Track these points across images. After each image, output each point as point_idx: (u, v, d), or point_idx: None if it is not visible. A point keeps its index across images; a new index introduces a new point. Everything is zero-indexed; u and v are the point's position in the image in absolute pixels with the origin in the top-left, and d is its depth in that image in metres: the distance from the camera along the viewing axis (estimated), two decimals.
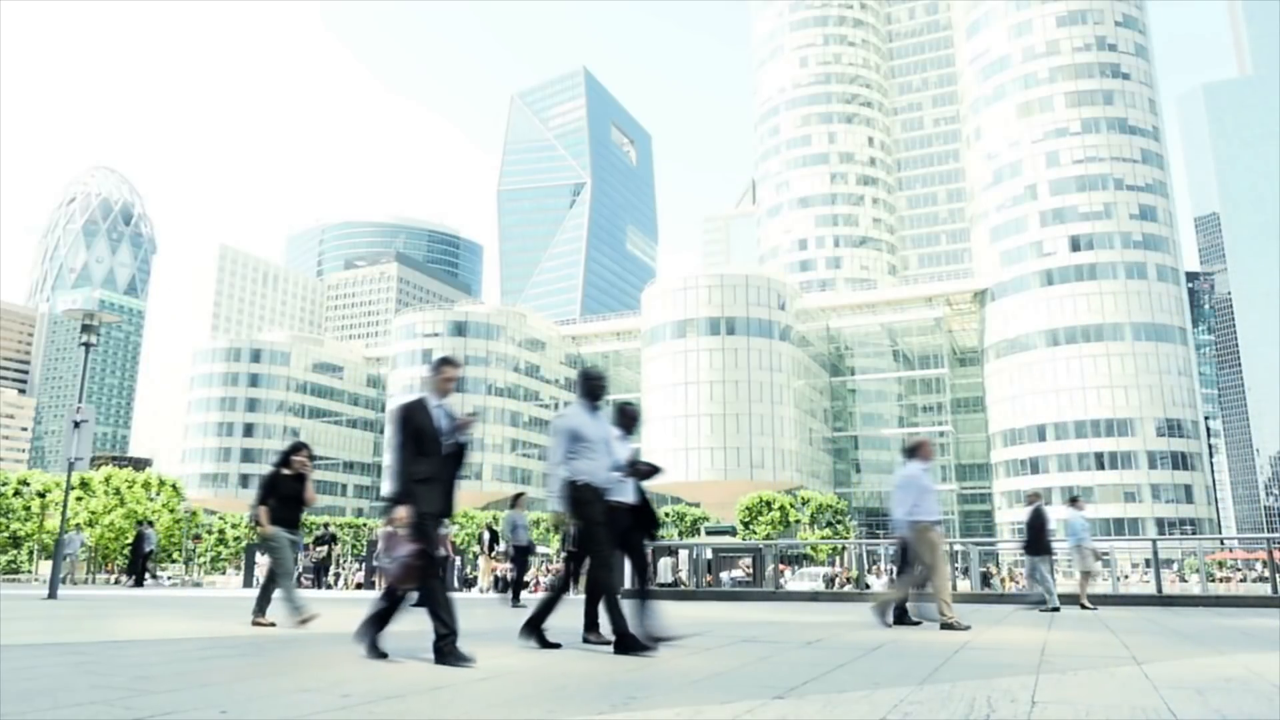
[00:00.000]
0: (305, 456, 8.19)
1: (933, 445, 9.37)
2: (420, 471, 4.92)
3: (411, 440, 4.98)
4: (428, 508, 4.91)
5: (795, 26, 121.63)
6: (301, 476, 8.13)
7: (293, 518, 8.14)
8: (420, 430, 4.99)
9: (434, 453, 5.00)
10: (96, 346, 15.66)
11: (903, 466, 8.80)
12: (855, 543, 30.25)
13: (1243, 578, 47.53)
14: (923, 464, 8.69)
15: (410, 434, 4.99)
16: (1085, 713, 3.41)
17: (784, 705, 3.52)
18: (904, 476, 8.66)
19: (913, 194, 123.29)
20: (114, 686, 3.80)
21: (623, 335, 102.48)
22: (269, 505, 7.99)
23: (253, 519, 8.17)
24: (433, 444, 5.00)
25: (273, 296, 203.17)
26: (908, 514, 8.48)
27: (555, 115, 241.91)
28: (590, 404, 5.95)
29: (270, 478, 8.13)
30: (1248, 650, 6.21)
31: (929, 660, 5.37)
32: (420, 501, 4.88)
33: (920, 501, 8.47)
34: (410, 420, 5.00)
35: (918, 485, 8.52)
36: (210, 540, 61.74)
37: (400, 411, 5.05)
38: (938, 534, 8.49)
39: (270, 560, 8.24)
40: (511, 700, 3.67)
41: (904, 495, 8.56)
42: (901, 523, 8.55)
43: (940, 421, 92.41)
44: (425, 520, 4.91)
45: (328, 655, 5.43)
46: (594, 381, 6.04)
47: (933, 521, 8.47)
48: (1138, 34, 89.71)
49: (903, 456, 9.01)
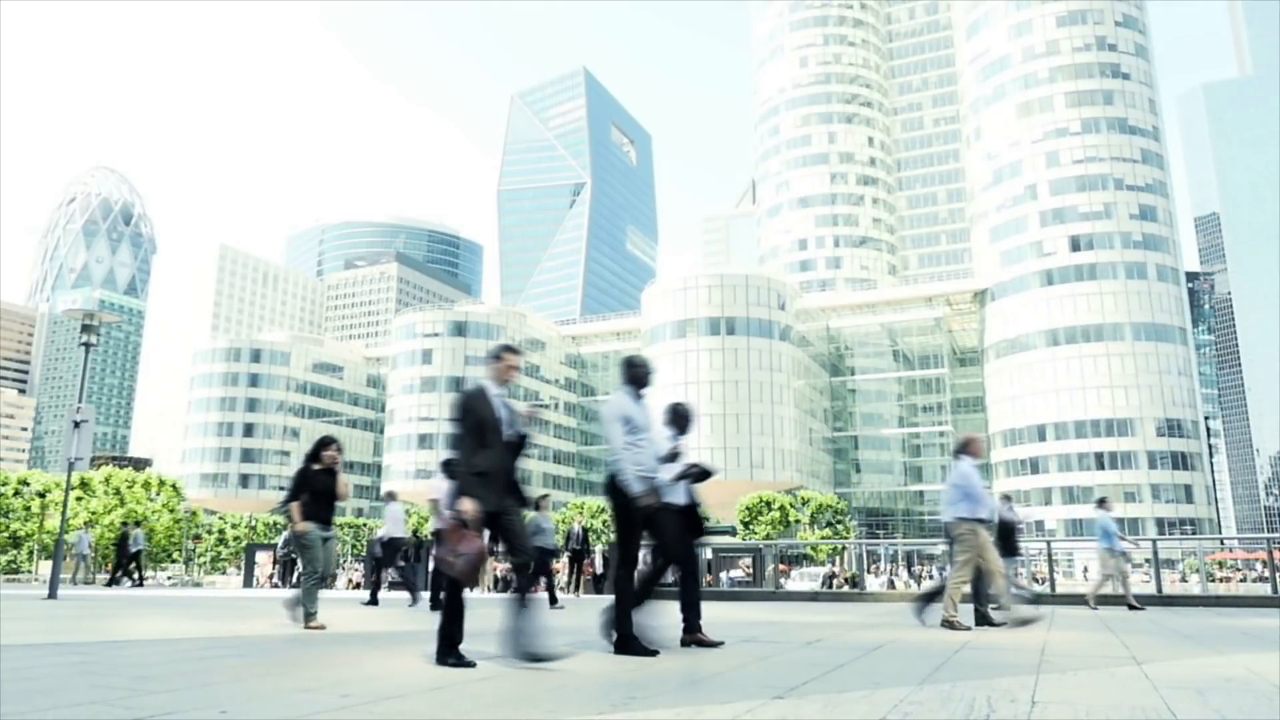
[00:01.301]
0: (336, 451, 8.05)
1: (983, 441, 9.16)
2: (481, 464, 4.70)
3: (472, 431, 4.75)
4: (490, 504, 4.69)
5: (795, 26, 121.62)
6: (333, 471, 7.99)
7: (325, 513, 8.01)
8: (482, 420, 4.77)
9: (495, 444, 4.77)
10: (96, 346, 15.66)
11: (955, 464, 8.68)
12: (855, 543, 30.27)
13: (1243, 578, 47.53)
14: (974, 460, 8.57)
15: (471, 424, 4.76)
16: (1085, 713, 3.41)
17: (784, 705, 3.52)
18: (960, 474, 8.49)
19: (913, 194, 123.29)
20: (114, 686, 3.80)
21: (623, 335, 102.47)
22: (301, 501, 7.85)
23: (284, 515, 8.03)
24: (494, 435, 4.77)
25: (273, 296, 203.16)
26: (963, 511, 8.32)
27: (555, 115, 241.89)
28: (635, 392, 5.75)
29: (301, 473, 7.97)
30: (1248, 650, 6.21)
31: (929, 660, 5.37)
32: (483, 495, 4.65)
33: (972, 499, 8.34)
34: (471, 410, 4.78)
35: (970, 482, 8.37)
36: (210, 540, 61.72)
37: (460, 400, 4.84)
38: (986, 533, 8.35)
39: (300, 558, 8.09)
40: (511, 700, 3.67)
41: (956, 493, 8.43)
42: (953, 520, 8.40)
43: (940, 421, 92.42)
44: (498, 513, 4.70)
45: (328, 655, 5.43)
46: (638, 369, 5.81)
47: (982, 520, 8.31)
48: (1138, 34, 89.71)
49: (954, 454, 8.86)
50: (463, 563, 4.57)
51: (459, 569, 4.59)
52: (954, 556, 8.52)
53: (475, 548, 4.56)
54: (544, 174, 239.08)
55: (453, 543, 4.64)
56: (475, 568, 4.57)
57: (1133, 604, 13.22)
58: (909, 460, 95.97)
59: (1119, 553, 13.76)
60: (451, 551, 4.61)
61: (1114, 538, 13.80)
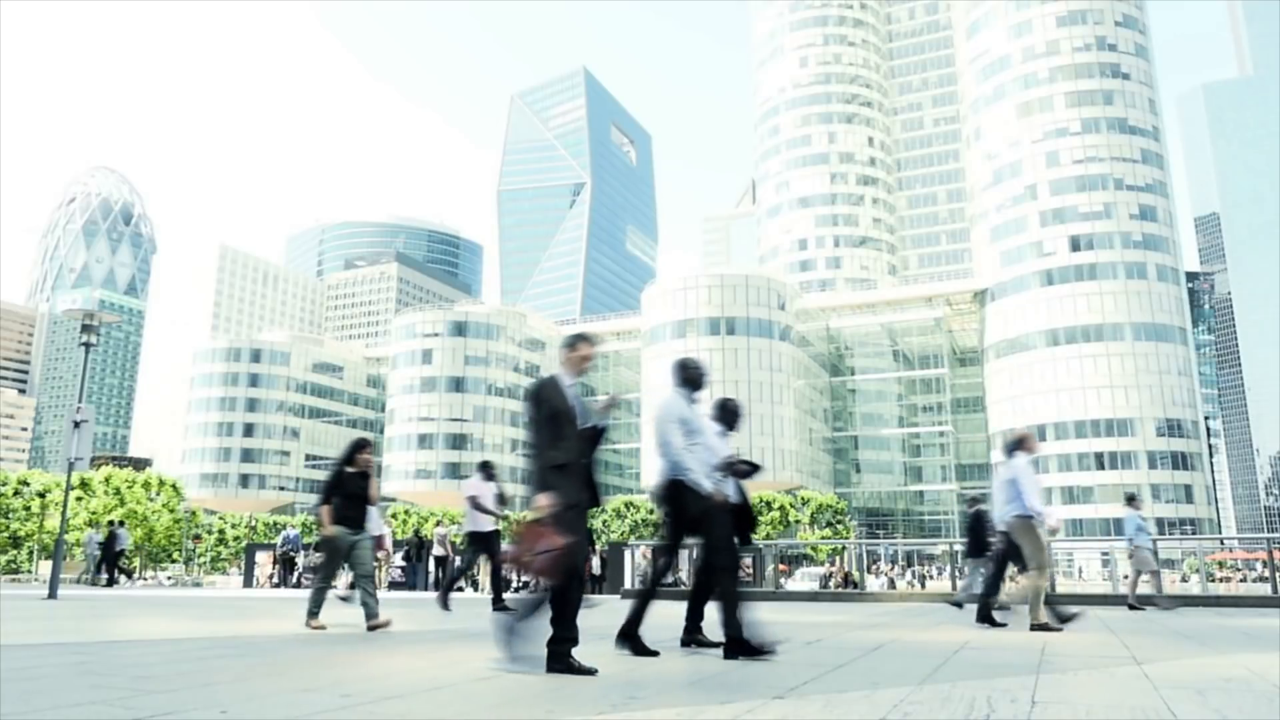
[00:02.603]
0: (370, 454, 7.91)
1: (1035, 437, 8.95)
2: (558, 457, 4.52)
3: (547, 423, 4.58)
4: (570, 497, 4.47)
5: (795, 26, 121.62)
6: (366, 474, 7.82)
7: (357, 517, 7.83)
8: (556, 412, 4.60)
9: (571, 436, 4.60)
10: (96, 346, 15.66)
11: (1007, 460, 8.47)
12: (855, 543, 30.26)
13: (1243, 578, 47.58)
14: (1028, 456, 8.39)
15: (545, 416, 4.59)
16: (1085, 713, 3.41)
17: (784, 705, 3.52)
18: (1010, 470, 8.30)
19: (913, 194, 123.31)
20: (114, 686, 3.80)
21: (623, 335, 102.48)
22: (333, 504, 7.69)
23: (315, 518, 7.90)
24: (570, 426, 4.61)
25: (273, 296, 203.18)
26: (1015, 509, 8.16)
27: (555, 115, 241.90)
28: (689, 394, 5.65)
29: (334, 475, 7.79)
30: (1248, 650, 6.20)
31: (929, 660, 5.37)
32: (562, 490, 4.45)
33: (1026, 496, 8.16)
34: (545, 401, 4.62)
35: (1025, 479, 8.21)
36: (210, 540, 61.71)
37: (534, 392, 4.68)
38: (1043, 531, 8.21)
39: (320, 559, 8.02)
40: (511, 700, 3.67)
41: (1010, 489, 8.23)
42: (1008, 517, 8.24)
43: (940, 421, 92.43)
44: (571, 510, 4.47)
45: (328, 655, 5.43)
46: (693, 370, 5.69)
47: (1038, 516, 8.16)
48: (1138, 34, 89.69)
49: (1005, 450, 8.62)
50: (541, 560, 4.33)
51: (539, 565, 4.36)
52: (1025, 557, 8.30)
53: (553, 544, 4.33)
54: (544, 174, 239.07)
55: (530, 540, 4.40)
56: (558, 563, 4.34)
57: (1133, 604, 13.20)
58: (909, 460, 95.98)
59: (1149, 550, 13.66)
60: (529, 549, 4.38)
61: (1145, 534, 13.74)
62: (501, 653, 4.58)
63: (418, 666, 4.77)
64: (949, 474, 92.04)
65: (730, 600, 5.31)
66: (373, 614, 7.58)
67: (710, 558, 5.51)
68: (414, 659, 5.17)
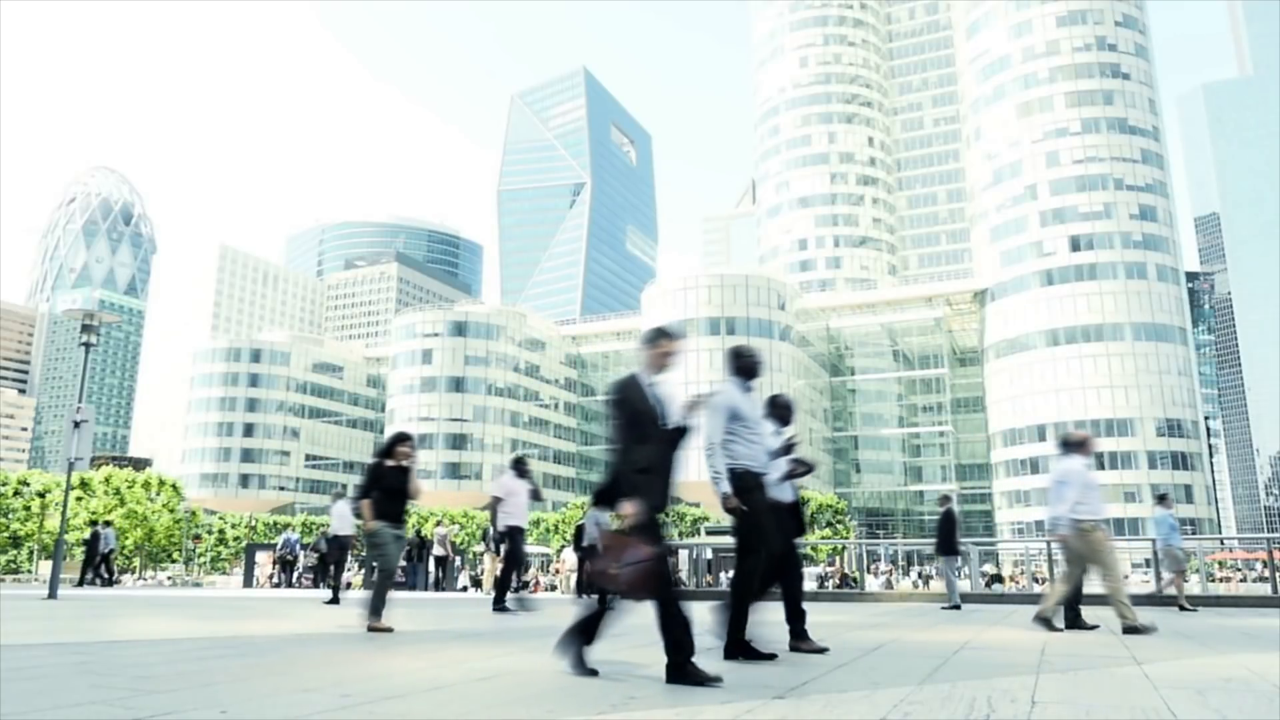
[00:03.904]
0: (410, 447, 7.72)
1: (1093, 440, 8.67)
2: (641, 460, 4.23)
3: (630, 424, 4.30)
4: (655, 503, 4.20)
5: (795, 26, 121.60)
6: (405, 468, 7.65)
7: (398, 511, 7.66)
8: (639, 412, 4.32)
9: (653, 438, 4.31)
10: (96, 346, 15.66)
11: (1061, 460, 8.22)
12: (855, 543, 30.25)
13: (1243, 578, 47.50)
14: (1084, 458, 8.16)
15: (628, 417, 4.31)
16: (1085, 713, 3.41)
17: (784, 705, 3.52)
18: (1066, 471, 8.04)
19: (913, 194, 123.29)
20: (114, 686, 3.80)
21: (623, 335, 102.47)
22: (373, 499, 7.51)
23: (354, 513, 7.72)
24: (652, 427, 4.32)
25: (273, 296, 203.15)
26: (1072, 512, 7.92)
27: (555, 115, 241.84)
28: (744, 383, 5.46)
29: (374, 470, 7.63)
30: (1248, 650, 6.20)
31: (929, 660, 5.37)
32: (647, 495, 4.16)
33: (1085, 499, 7.95)
34: (626, 401, 4.34)
35: (1082, 481, 7.99)
36: (210, 540, 61.68)
37: (615, 391, 4.40)
38: (1103, 533, 8.00)
39: (373, 557, 7.75)
40: (511, 700, 3.67)
41: (1066, 491, 7.96)
42: (1064, 521, 7.99)
43: (940, 421, 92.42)
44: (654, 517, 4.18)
45: (328, 655, 5.43)
46: (747, 359, 5.47)
47: (1099, 520, 7.94)
48: (1138, 34, 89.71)
49: (1060, 449, 8.34)
50: (629, 572, 3.99)
51: (625, 580, 4.01)
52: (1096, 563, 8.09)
53: (642, 554, 4.00)
54: (544, 174, 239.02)
55: (616, 551, 4.05)
56: (646, 577, 4.00)
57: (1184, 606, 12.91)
58: (909, 460, 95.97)
59: (1177, 551, 13.41)
60: (614, 561, 4.02)
61: (1176, 534, 13.55)
62: (565, 659, 4.39)
63: (418, 666, 4.77)
64: (949, 474, 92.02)
65: (740, 601, 5.25)
66: (376, 614, 7.49)
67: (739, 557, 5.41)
68: (414, 659, 5.17)
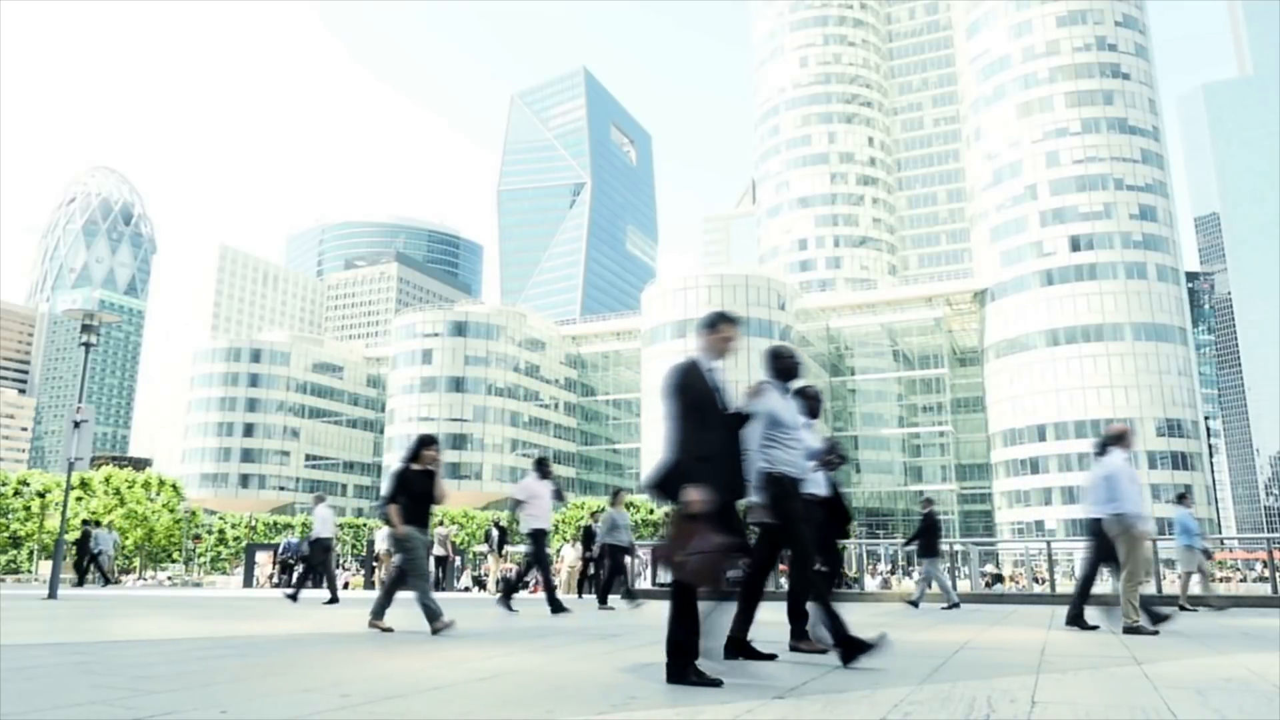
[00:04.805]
0: (436, 451, 7.66)
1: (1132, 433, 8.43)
2: (703, 448, 4.13)
3: (690, 411, 4.20)
4: (721, 492, 4.09)
5: (795, 26, 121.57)
6: (431, 473, 7.59)
7: (424, 516, 7.57)
8: (699, 399, 4.23)
9: (715, 425, 4.24)
10: (96, 346, 15.66)
11: (1102, 456, 8.04)
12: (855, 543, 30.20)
13: (1243, 578, 47.51)
14: (1124, 454, 8.02)
15: (688, 404, 4.21)
16: (1085, 713, 3.41)
17: (784, 705, 3.52)
18: (1107, 467, 7.90)
19: (913, 194, 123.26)
20: (114, 686, 3.80)
21: (623, 335, 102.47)
22: (401, 504, 7.43)
23: (382, 518, 7.68)
24: (714, 414, 4.25)
25: (273, 296, 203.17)
26: (1119, 509, 7.78)
27: (555, 115, 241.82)
28: (783, 385, 5.30)
29: (400, 474, 7.56)
30: (1248, 650, 6.20)
31: (929, 660, 5.37)
32: (711, 484, 4.05)
33: (1126, 495, 7.80)
34: (687, 387, 4.24)
35: (1125, 476, 7.85)
36: (210, 540, 61.69)
37: (673, 378, 4.29)
38: (1143, 531, 7.90)
39: (403, 561, 7.66)
40: (511, 700, 3.67)
41: (1107, 487, 7.83)
42: (1106, 517, 7.87)
43: (940, 421, 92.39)
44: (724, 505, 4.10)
45: (328, 655, 5.43)
46: (786, 360, 5.31)
47: (1139, 516, 7.80)
48: (1138, 34, 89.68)
49: (1098, 446, 8.16)
50: (695, 561, 3.94)
51: (691, 569, 3.96)
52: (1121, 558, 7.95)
53: (709, 544, 3.94)
54: (544, 174, 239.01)
55: (682, 540, 4.00)
56: (712, 567, 3.95)
57: (1184, 605, 12.70)
58: (909, 460, 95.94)
59: (1200, 550, 13.28)
60: (680, 549, 3.98)
61: (1195, 534, 13.28)
62: None
63: (418, 666, 4.77)
64: (949, 474, 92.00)
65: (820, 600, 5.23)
66: (379, 614, 7.49)
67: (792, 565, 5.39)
68: (414, 659, 5.17)
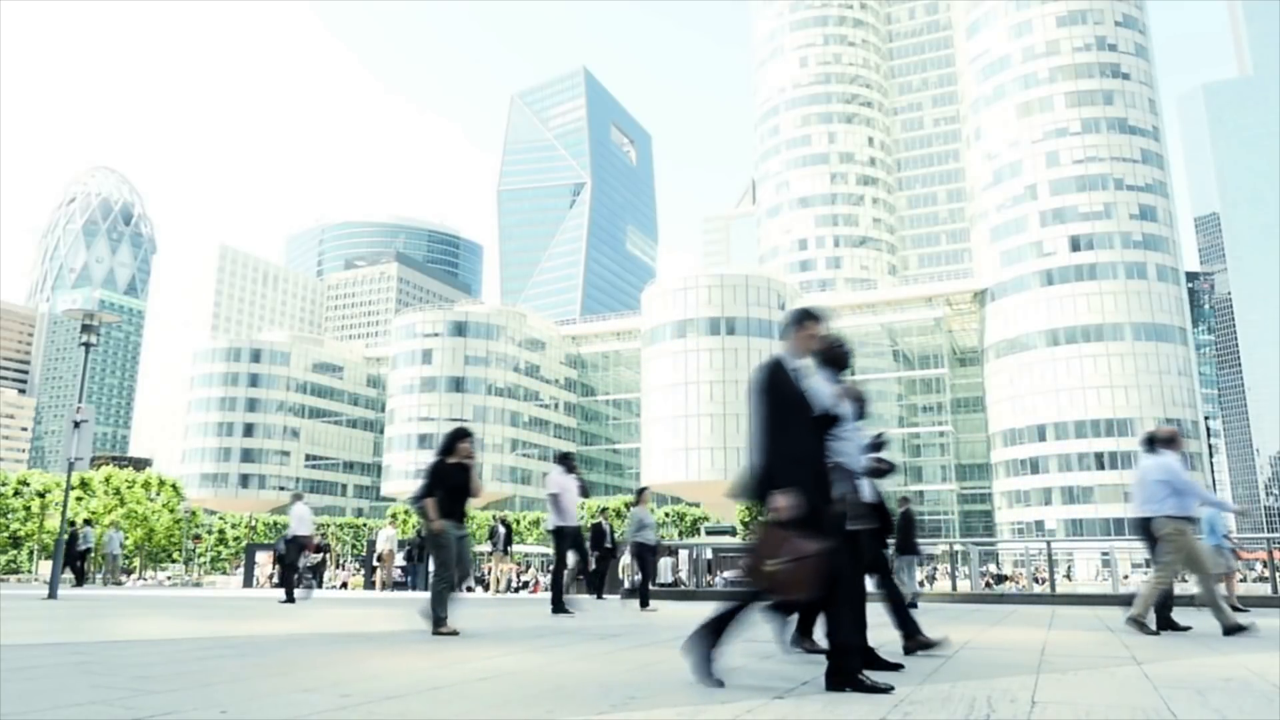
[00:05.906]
0: (470, 444, 7.50)
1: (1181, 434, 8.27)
2: (793, 449, 4.01)
3: (778, 412, 4.05)
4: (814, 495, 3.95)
5: (795, 26, 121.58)
6: (466, 466, 7.42)
7: (459, 510, 7.41)
8: (787, 399, 4.08)
9: (803, 425, 4.08)
10: (96, 346, 15.66)
11: (1152, 456, 7.91)
12: None
13: (1243, 578, 47.46)
14: (1175, 454, 7.86)
15: (775, 404, 4.06)
16: (1085, 713, 3.41)
17: (784, 705, 3.52)
18: (1160, 467, 7.77)
19: (913, 194, 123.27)
20: (114, 686, 3.80)
21: (623, 335, 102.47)
22: (437, 498, 7.24)
23: (419, 512, 7.33)
24: (801, 414, 4.09)
25: (273, 296, 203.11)
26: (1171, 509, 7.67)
27: (555, 115, 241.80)
28: (834, 376, 5.10)
29: (435, 468, 7.36)
30: (1248, 650, 6.20)
31: (929, 660, 5.37)
32: (805, 485, 3.91)
33: (1181, 495, 7.70)
34: (773, 387, 4.09)
35: (1179, 477, 7.73)
36: (210, 540, 61.70)
37: (760, 378, 4.14)
38: (1194, 532, 7.83)
39: (434, 558, 7.51)
40: (511, 700, 3.67)
41: (1160, 489, 7.71)
42: (1161, 519, 7.71)
43: (940, 421, 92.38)
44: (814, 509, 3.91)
45: (328, 655, 5.43)
46: (837, 350, 5.05)
47: (1190, 519, 7.73)
48: (1138, 34, 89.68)
49: (1147, 446, 8.01)
50: (785, 570, 3.74)
51: (781, 578, 3.76)
52: (1158, 556, 7.87)
53: (799, 550, 3.74)
54: (544, 174, 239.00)
55: (770, 547, 3.82)
56: (808, 573, 3.74)
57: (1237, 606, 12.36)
58: (909, 460, 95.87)
59: (1226, 550, 13.12)
60: (772, 556, 3.79)
61: (1222, 535, 13.05)
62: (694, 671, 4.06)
63: (418, 666, 4.77)
64: (949, 474, 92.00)
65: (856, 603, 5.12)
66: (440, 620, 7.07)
67: None
68: (414, 659, 5.17)
